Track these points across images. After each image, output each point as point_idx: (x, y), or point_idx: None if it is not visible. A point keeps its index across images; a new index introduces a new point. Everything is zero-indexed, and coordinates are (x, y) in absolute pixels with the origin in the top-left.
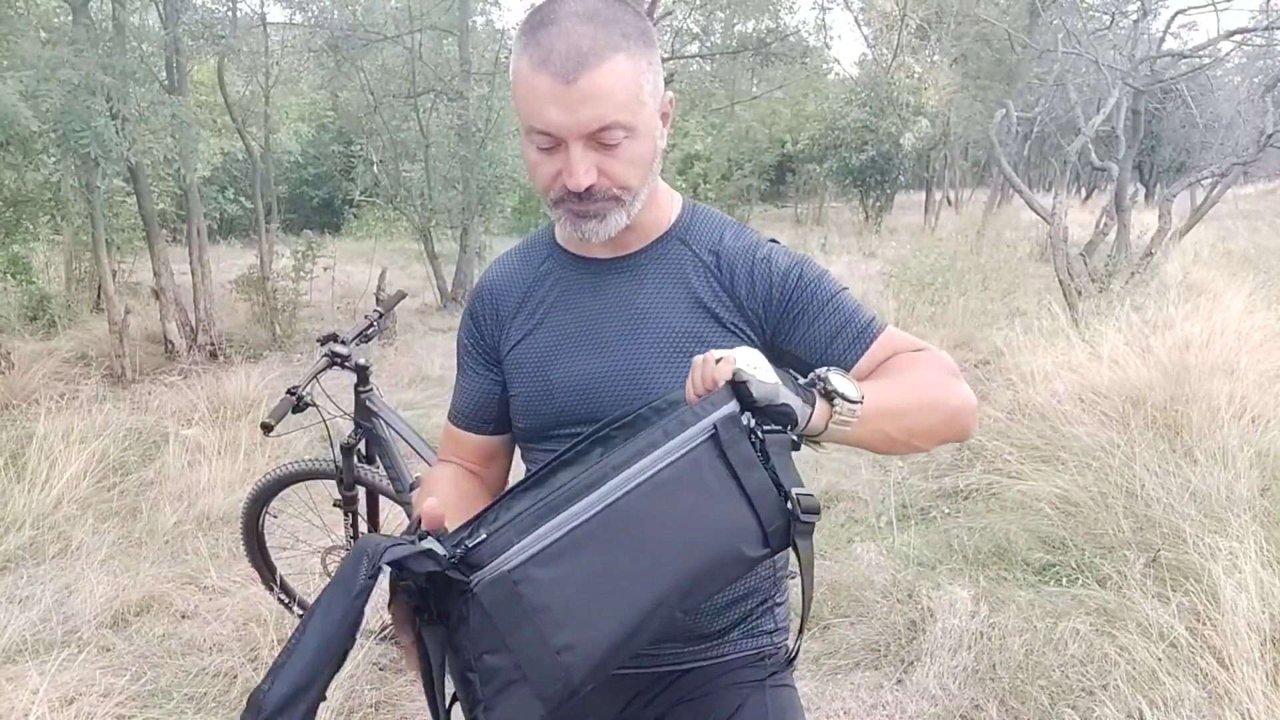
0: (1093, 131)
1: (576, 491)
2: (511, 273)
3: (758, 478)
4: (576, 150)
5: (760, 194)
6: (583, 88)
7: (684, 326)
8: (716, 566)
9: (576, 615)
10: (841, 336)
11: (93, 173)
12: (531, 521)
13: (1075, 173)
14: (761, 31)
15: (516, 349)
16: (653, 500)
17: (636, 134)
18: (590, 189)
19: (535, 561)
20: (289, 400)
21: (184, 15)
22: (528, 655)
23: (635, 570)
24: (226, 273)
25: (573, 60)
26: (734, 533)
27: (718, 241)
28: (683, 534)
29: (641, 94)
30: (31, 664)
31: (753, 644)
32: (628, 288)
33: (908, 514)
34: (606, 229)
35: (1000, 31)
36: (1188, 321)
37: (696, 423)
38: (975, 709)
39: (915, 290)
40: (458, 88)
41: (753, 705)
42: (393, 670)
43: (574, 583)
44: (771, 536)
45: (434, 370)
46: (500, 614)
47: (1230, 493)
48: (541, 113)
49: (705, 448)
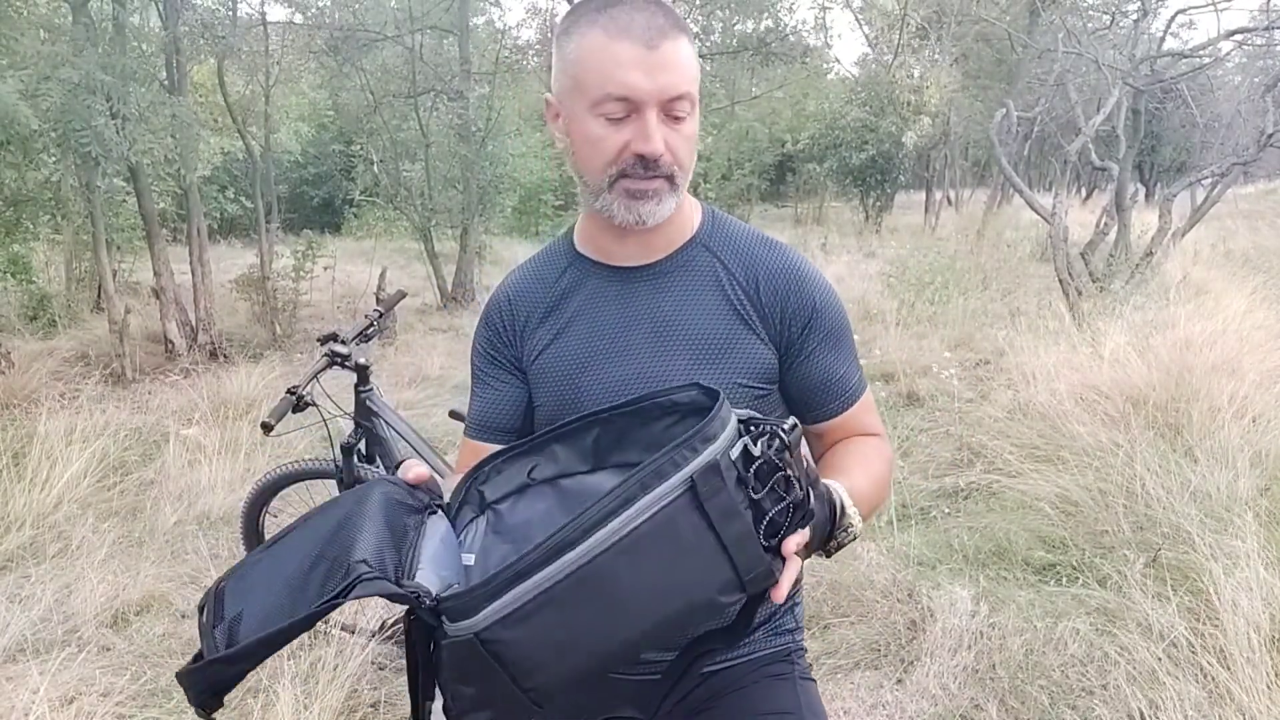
0: (1093, 131)
1: (548, 555)
2: (531, 282)
3: (736, 528)
4: (653, 117)
5: (760, 193)
6: (665, 54)
7: (711, 333)
8: (687, 615)
9: (542, 665)
10: (835, 388)
11: (93, 172)
12: (503, 585)
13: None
14: (761, 31)
15: (541, 358)
16: (625, 560)
17: (694, 114)
18: (658, 160)
19: (503, 624)
20: (289, 400)
21: (184, 15)
22: (495, 693)
23: (604, 625)
24: (227, 272)
25: (655, 30)
26: (707, 586)
27: (744, 250)
28: (652, 590)
29: (698, 78)
30: (32, 663)
31: (778, 641)
32: (654, 295)
33: (908, 514)
34: (661, 211)
35: (1000, 31)
36: (1188, 321)
37: (675, 474)
38: (975, 709)
39: (915, 290)
40: (458, 87)
41: (785, 695)
42: (393, 670)
43: (541, 639)
44: (749, 584)
45: (434, 370)
46: (466, 665)
47: (1231, 492)
48: (623, 77)
49: (682, 502)
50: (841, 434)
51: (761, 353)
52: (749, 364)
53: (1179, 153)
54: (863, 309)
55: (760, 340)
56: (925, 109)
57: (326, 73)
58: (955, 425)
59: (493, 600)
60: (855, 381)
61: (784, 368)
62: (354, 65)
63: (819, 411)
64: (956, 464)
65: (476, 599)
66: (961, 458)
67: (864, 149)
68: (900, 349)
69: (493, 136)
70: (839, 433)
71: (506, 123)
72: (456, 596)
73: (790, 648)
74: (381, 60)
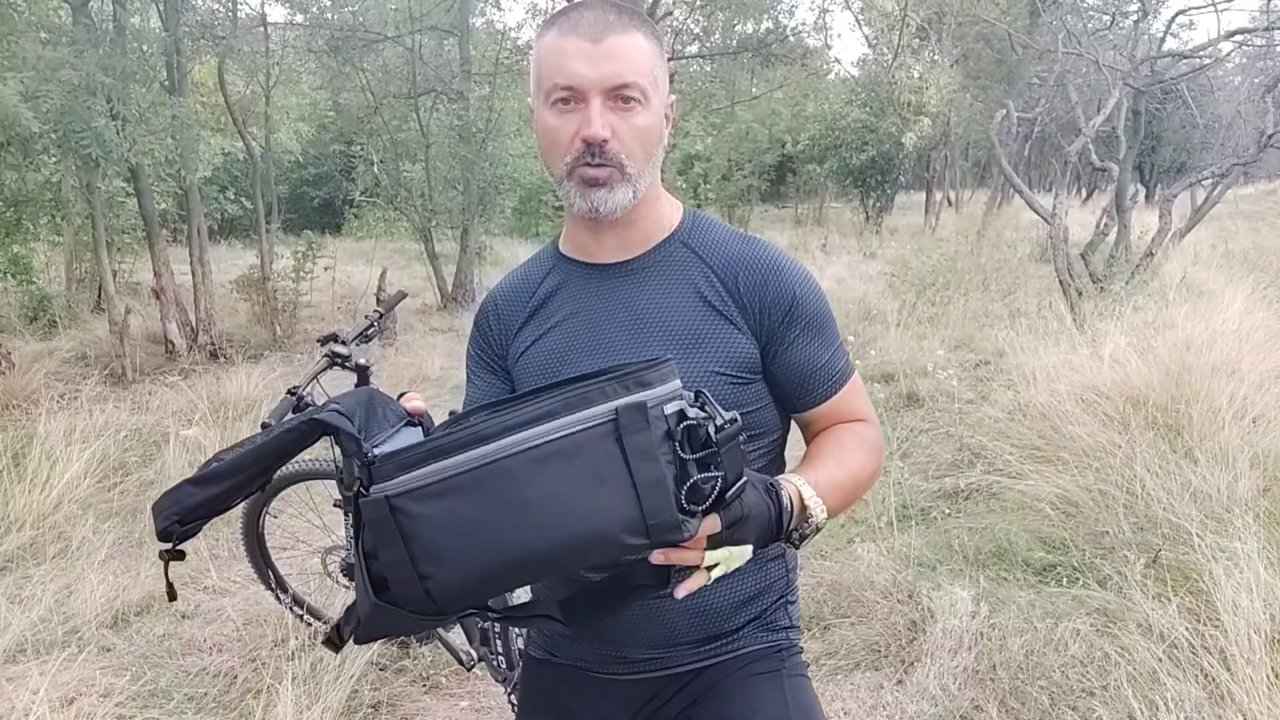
0: (1093, 132)
1: (465, 441)
2: (517, 286)
3: (651, 470)
4: (596, 104)
5: (760, 194)
6: (609, 46)
7: (688, 326)
8: (586, 545)
9: (439, 553)
10: (820, 375)
11: (93, 173)
12: (417, 460)
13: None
14: (761, 32)
15: (525, 355)
16: (535, 468)
17: (649, 106)
18: (604, 145)
19: (412, 496)
20: (289, 400)
21: (184, 16)
22: (395, 572)
23: (502, 528)
24: (227, 273)
25: (601, 25)
26: (611, 518)
27: (723, 245)
28: (557, 506)
29: (654, 73)
30: (32, 664)
31: (768, 638)
32: (632, 290)
33: (908, 514)
34: (615, 200)
35: (1001, 32)
36: (1188, 322)
37: (602, 403)
38: (975, 709)
39: (916, 290)
40: (458, 88)
41: (770, 693)
42: (393, 670)
43: (442, 524)
44: (653, 530)
45: (434, 370)
46: (376, 530)
47: (1231, 493)
48: (567, 68)
49: (602, 431)
50: (830, 420)
51: (740, 343)
52: (726, 354)
53: (1179, 153)
54: (863, 310)
55: (739, 331)
56: (925, 110)
57: (327, 73)
58: (955, 426)
59: (406, 471)
60: (840, 367)
61: (767, 358)
62: (354, 65)
63: (806, 399)
64: (957, 465)
65: (392, 466)
66: (962, 458)
67: (864, 150)
68: (900, 350)
69: (493, 137)
70: (827, 419)
71: (507, 123)
72: (385, 458)
73: (781, 644)
74: (382, 61)
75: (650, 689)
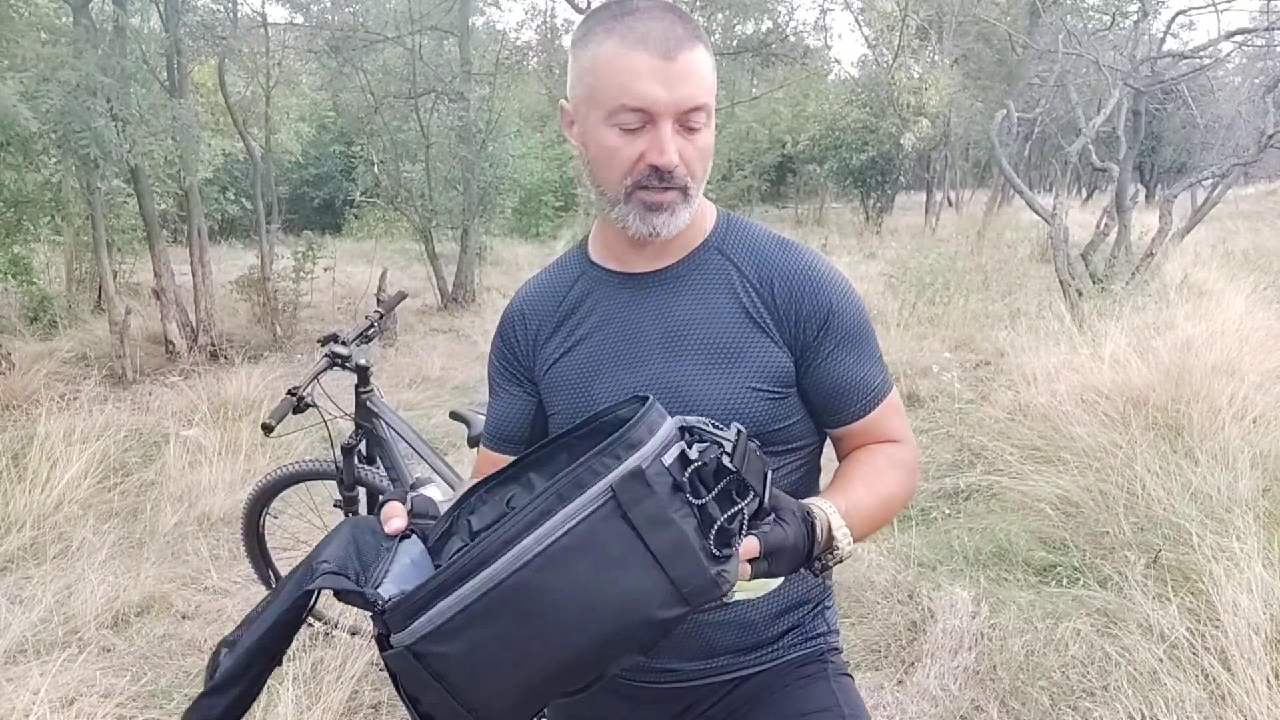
0: (1093, 132)
1: (468, 570)
2: (544, 294)
3: (668, 537)
4: (668, 128)
5: (761, 195)
6: (682, 65)
7: (724, 338)
8: (626, 632)
9: (477, 682)
10: (854, 392)
11: (93, 174)
12: (423, 604)
13: (1076, 173)
14: (762, 33)
15: (555, 367)
16: (549, 574)
17: (710, 124)
18: (673, 172)
19: (432, 639)
20: (290, 401)
21: (184, 16)
22: (441, 711)
23: (533, 641)
24: (227, 273)
25: (672, 40)
26: (642, 599)
27: (758, 251)
28: (582, 604)
29: (715, 87)
30: (32, 664)
31: (808, 645)
32: (666, 300)
33: (908, 515)
34: (676, 223)
35: (1001, 32)
36: (1189, 322)
37: (595, 483)
38: (976, 710)
39: (916, 291)
40: (458, 88)
41: (821, 692)
42: None
43: (471, 655)
44: (691, 597)
45: (434, 371)
46: (408, 679)
47: (1231, 493)
48: (638, 88)
49: (603, 513)
50: (862, 439)
51: (775, 355)
52: (762, 367)
53: (1179, 154)
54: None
55: (774, 343)
56: (925, 110)
57: (327, 73)
58: (956, 426)
59: (415, 616)
60: (878, 384)
61: (801, 371)
62: (354, 66)
63: (840, 415)
64: (957, 465)
65: (399, 616)
66: (962, 459)
67: (864, 150)
68: (901, 350)
69: (493, 137)
70: (861, 438)
71: (507, 124)
72: (393, 609)
73: (823, 648)
74: (382, 61)
75: (691, 696)
